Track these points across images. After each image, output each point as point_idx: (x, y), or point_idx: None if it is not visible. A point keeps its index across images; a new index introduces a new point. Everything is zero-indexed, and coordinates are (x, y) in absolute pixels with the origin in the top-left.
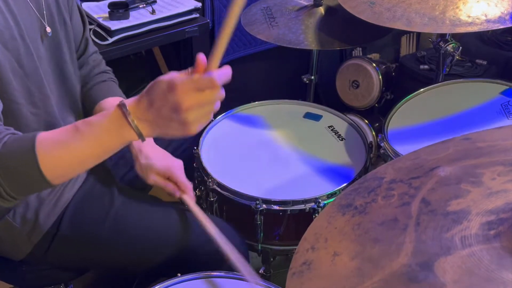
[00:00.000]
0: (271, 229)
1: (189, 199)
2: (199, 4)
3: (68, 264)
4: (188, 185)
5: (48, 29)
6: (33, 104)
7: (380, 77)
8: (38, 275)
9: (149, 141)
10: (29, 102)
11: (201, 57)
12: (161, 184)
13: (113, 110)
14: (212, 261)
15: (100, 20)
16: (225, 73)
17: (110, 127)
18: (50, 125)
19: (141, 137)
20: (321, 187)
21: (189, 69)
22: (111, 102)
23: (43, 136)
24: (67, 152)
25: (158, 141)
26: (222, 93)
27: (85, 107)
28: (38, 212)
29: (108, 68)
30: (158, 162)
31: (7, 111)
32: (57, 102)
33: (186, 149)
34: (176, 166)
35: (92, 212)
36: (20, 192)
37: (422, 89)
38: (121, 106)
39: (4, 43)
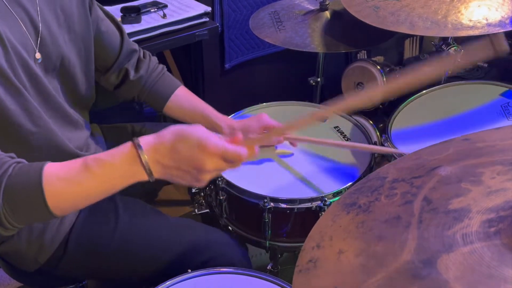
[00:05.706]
0: (278, 226)
1: (292, 136)
2: (208, 9)
3: (77, 276)
4: (279, 124)
5: (38, 55)
6: (33, 122)
7: (384, 79)
8: (50, 278)
9: (223, 116)
10: (28, 121)
11: (239, 135)
12: (259, 140)
13: (127, 151)
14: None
15: None
16: (253, 154)
17: (122, 168)
18: (51, 142)
19: (151, 176)
20: (327, 186)
21: (224, 135)
22: (182, 95)
23: (50, 170)
24: (75, 190)
25: None
26: (240, 166)
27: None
28: (43, 235)
29: (155, 57)
30: (249, 122)
31: (10, 135)
32: (66, 114)
33: None
34: (262, 116)
35: (98, 230)
36: (23, 222)
37: (424, 91)
38: (136, 146)
39: None
